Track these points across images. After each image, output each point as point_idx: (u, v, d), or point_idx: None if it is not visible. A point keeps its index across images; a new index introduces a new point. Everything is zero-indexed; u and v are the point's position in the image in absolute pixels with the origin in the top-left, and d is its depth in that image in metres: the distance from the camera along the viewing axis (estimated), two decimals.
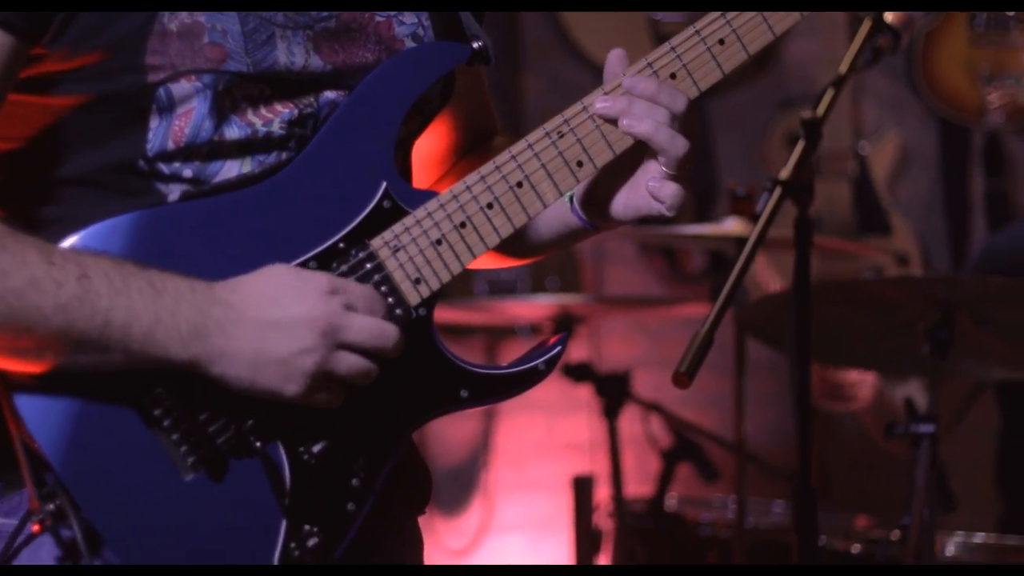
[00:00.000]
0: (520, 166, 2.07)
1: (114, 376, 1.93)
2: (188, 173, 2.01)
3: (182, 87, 1.99)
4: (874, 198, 6.35)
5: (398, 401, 2.03)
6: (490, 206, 2.07)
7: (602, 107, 2.08)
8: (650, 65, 2.09)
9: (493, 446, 6.26)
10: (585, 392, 4.67)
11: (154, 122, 1.99)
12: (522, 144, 2.08)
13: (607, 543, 4.59)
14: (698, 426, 4.59)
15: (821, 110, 2.90)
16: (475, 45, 2.12)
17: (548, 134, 2.08)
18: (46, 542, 1.95)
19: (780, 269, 5.19)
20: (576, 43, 6.28)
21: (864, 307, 3.65)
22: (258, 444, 1.97)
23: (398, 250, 2.04)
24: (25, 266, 1.88)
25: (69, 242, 1.94)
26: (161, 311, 1.91)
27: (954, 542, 3.87)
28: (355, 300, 1.97)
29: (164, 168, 2.00)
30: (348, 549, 2.02)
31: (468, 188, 2.06)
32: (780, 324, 3.72)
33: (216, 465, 1.97)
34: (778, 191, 2.81)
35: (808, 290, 2.94)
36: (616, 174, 2.12)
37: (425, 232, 2.05)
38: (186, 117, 2.00)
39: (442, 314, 2.08)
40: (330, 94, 2.06)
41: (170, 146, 2.00)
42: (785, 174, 2.83)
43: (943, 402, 3.41)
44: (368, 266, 2.03)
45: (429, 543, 2.25)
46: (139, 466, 1.95)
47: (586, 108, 2.09)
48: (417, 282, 2.04)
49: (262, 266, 1.98)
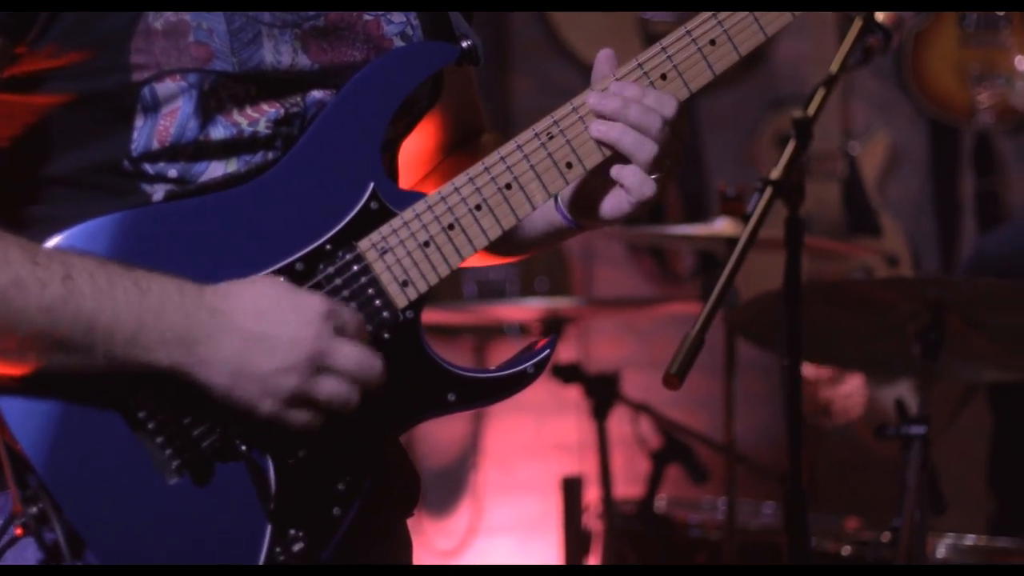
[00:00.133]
0: (509, 167, 2.06)
1: (98, 378, 1.92)
2: (173, 173, 2.00)
3: (167, 86, 1.97)
4: (864, 198, 6.34)
5: (385, 405, 2.02)
6: (478, 208, 2.05)
7: (594, 102, 2.06)
8: (640, 66, 2.08)
9: (482, 447, 6.24)
10: (574, 393, 4.65)
11: (139, 122, 1.98)
12: (511, 145, 2.06)
13: (596, 544, 4.57)
14: (688, 427, 4.58)
15: (812, 110, 2.88)
16: (464, 44, 2.11)
17: (537, 135, 2.07)
18: (32, 544, 1.93)
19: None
20: (566, 43, 6.27)
21: (854, 308, 3.64)
22: (243, 448, 1.96)
23: (386, 252, 2.03)
24: (8, 265, 1.86)
25: (53, 242, 1.93)
26: (145, 313, 1.89)
27: (945, 544, 3.86)
28: (346, 326, 1.95)
29: (149, 168, 1.99)
30: (335, 552, 2.01)
31: (456, 190, 2.05)
32: (770, 325, 3.70)
33: (201, 469, 1.95)
34: (769, 191, 2.79)
35: (799, 290, 2.92)
36: (602, 175, 2.10)
37: (413, 234, 2.03)
38: (171, 117, 1.98)
39: (430, 316, 2.06)
40: (317, 93, 2.05)
41: (155, 146, 1.98)
42: (776, 174, 2.82)
43: (936, 404, 3.40)
44: (355, 268, 2.01)
45: (418, 544, 2.24)
46: (123, 469, 1.93)
47: (576, 109, 2.07)
48: (405, 284, 2.03)
49: (248, 266, 1.97)
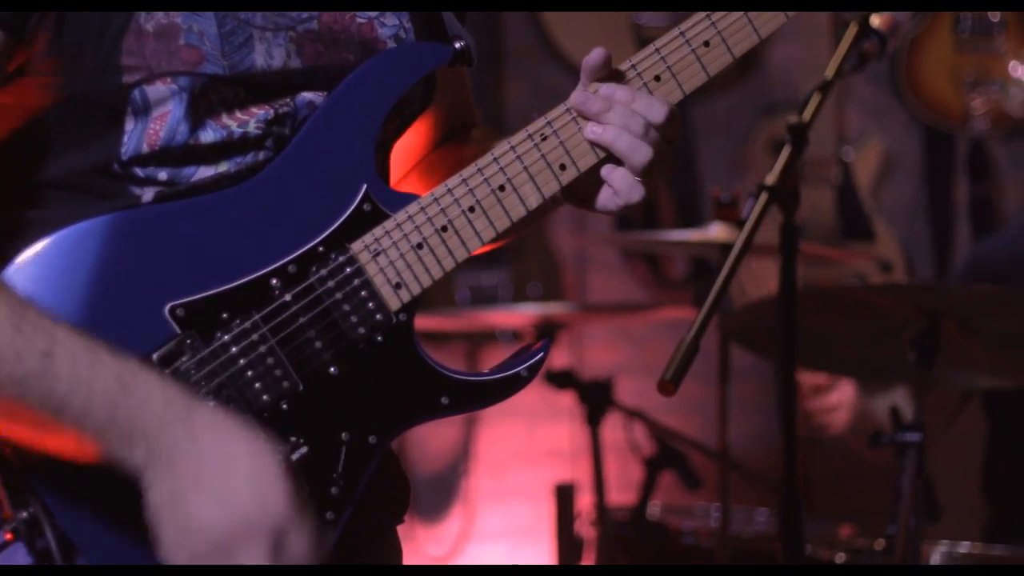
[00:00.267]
0: (502, 169, 2.05)
1: None
2: (163, 176, 1.98)
3: (157, 89, 1.96)
4: (857, 204, 6.34)
5: (377, 408, 2.01)
6: (472, 210, 2.04)
7: (578, 100, 2.04)
8: (634, 67, 2.07)
9: (474, 453, 6.23)
10: (567, 399, 4.65)
11: (129, 125, 1.97)
12: (504, 146, 2.05)
13: (589, 551, 4.56)
14: (681, 433, 4.57)
15: (807, 115, 2.87)
16: (457, 45, 2.10)
17: (531, 136, 2.05)
18: (22, 548, 1.91)
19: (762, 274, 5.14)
20: (558, 46, 6.26)
21: (849, 314, 3.63)
22: None
23: (379, 254, 2.01)
24: None
25: (41, 245, 1.91)
26: (119, 414, 1.83)
27: (939, 551, 3.84)
28: (293, 545, 1.85)
29: (138, 171, 1.98)
30: (327, 557, 1.98)
31: (450, 191, 2.04)
32: (764, 331, 3.69)
33: None
34: (764, 197, 2.78)
35: (795, 296, 2.91)
36: (594, 174, 2.08)
37: (406, 236, 2.02)
38: (161, 120, 1.97)
39: (422, 322, 2.05)
40: (307, 95, 2.03)
41: (144, 149, 1.97)
42: (771, 179, 2.81)
43: (931, 411, 3.39)
44: (348, 270, 2.00)
45: (409, 551, 2.23)
46: (115, 474, 1.91)
47: (569, 110, 2.06)
48: (398, 287, 2.02)
49: (240, 269, 1.95)
